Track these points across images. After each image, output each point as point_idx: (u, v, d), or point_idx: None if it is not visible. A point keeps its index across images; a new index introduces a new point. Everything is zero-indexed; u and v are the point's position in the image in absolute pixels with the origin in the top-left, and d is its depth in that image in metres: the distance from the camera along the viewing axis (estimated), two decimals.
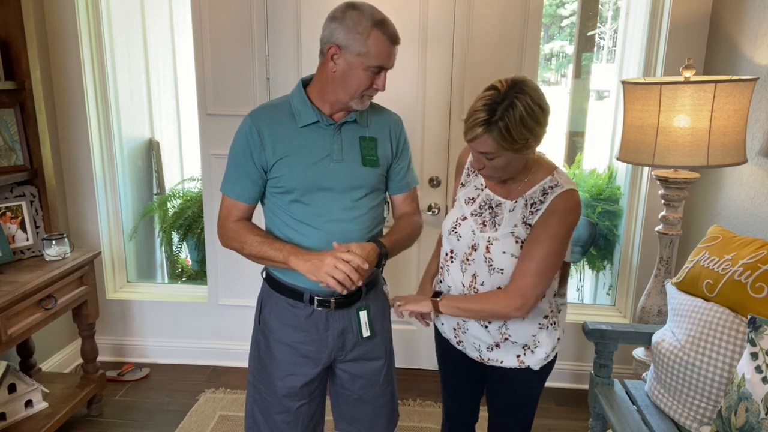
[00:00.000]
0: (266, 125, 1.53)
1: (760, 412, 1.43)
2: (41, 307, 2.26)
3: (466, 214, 1.60)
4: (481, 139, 1.39)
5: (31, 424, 2.30)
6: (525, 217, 1.51)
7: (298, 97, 1.55)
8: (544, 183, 1.51)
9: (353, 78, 1.46)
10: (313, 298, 1.58)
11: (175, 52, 3.91)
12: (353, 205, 1.56)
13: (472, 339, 1.63)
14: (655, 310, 2.36)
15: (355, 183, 1.56)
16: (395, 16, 2.64)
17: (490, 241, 1.53)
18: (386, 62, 1.47)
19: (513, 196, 1.54)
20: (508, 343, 1.60)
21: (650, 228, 2.71)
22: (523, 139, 1.39)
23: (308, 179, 1.52)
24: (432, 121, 2.78)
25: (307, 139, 1.53)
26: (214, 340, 3.16)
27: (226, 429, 2.60)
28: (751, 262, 1.76)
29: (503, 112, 1.36)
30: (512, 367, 1.62)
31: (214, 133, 2.87)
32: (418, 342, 3.06)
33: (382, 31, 1.43)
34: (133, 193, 3.50)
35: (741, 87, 1.96)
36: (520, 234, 1.50)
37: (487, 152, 1.41)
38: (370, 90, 1.49)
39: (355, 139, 1.57)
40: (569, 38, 4.38)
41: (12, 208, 2.44)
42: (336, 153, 1.54)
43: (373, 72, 1.46)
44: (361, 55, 1.43)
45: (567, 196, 1.47)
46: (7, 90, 2.39)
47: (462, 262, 1.59)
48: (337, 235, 1.53)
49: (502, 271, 1.52)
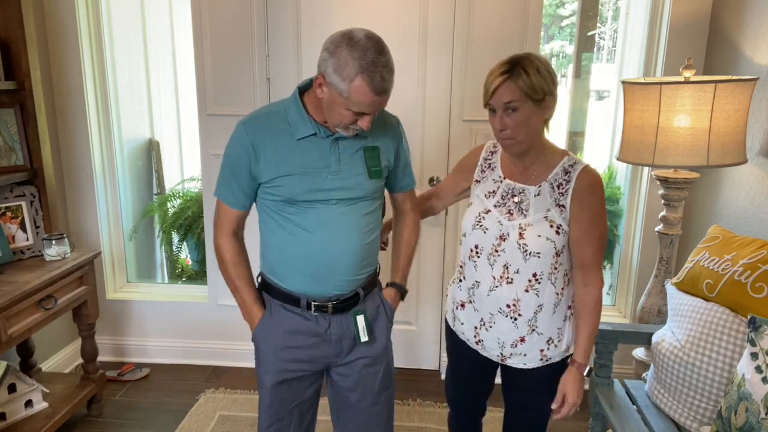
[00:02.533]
0: (261, 138, 1.50)
1: (760, 412, 1.43)
2: (41, 307, 2.26)
3: (488, 207, 1.61)
4: (504, 87, 1.44)
5: (31, 424, 2.30)
6: (556, 199, 1.54)
7: (295, 109, 1.51)
8: (563, 163, 1.56)
9: (336, 112, 1.42)
10: (311, 304, 1.58)
11: (175, 52, 3.91)
12: (347, 212, 1.55)
13: (497, 335, 1.62)
14: (655, 310, 2.36)
15: (351, 193, 1.54)
16: (395, 17, 2.67)
17: (522, 227, 1.54)
18: (367, 110, 1.40)
19: (534, 181, 1.57)
20: (535, 335, 1.60)
21: (650, 228, 2.71)
22: (542, 90, 1.44)
23: (305, 190, 1.50)
24: (432, 122, 2.78)
25: (305, 152, 1.50)
26: (214, 340, 3.16)
27: (226, 429, 2.60)
28: (751, 262, 1.76)
29: (523, 64, 1.44)
30: (534, 367, 1.63)
31: (214, 133, 2.87)
32: (418, 342, 3.06)
33: (367, 80, 1.35)
34: (133, 193, 3.50)
35: (741, 87, 1.96)
36: (554, 217, 1.53)
37: (511, 100, 1.44)
38: (353, 126, 1.45)
39: (354, 149, 1.54)
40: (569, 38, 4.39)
41: (12, 208, 2.44)
42: (333, 165, 1.51)
43: (355, 114, 1.41)
44: (343, 97, 1.38)
45: (590, 173, 1.54)
46: (7, 90, 2.39)
47: (489, 255, 1.59)
48: (330, 240, 1.53)
49: (538, 255, 1.53)
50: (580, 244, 1.54)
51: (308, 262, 1.55)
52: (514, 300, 1.58)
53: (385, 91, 1.39)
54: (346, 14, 2.70)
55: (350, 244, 1.55)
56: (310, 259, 1.54)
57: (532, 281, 1.56)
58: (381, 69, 1.35)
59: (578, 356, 1.58)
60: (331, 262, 1.55)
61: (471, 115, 2.73)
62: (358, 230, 1.57)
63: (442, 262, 2.94)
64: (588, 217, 1.52)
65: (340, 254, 1.55)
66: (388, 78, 1.38)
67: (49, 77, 2.89)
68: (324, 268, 1.55)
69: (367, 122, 1.43)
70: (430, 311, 3.02)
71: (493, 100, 1.48)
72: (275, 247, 1.59)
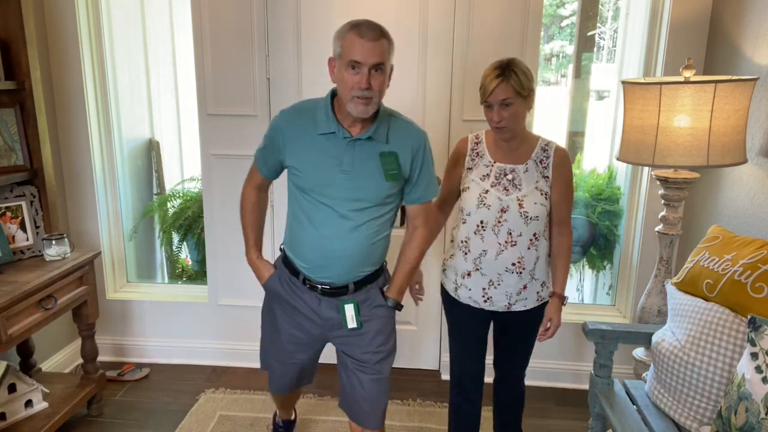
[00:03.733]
0: (291, 128, 1.72)
1: (760, 412, 1.43)
2: (41, 307, 2.26)
3: (486, 187, 1.93)
4: (500, 87, 1.77)
5: (31, 424, 2.30)
6: (541, 172, 1.92)
7: (324, 108, 1.69)
8: (540, 144, 1.94)
9: (341, 80, 1.61)
10: (306, 280, 1.79)
11: (175, 52, 3.91)
12: (351, 215, 1.69)
13: (505, 289, 1.95)
14: (655, 310, 2.36)
15: (359, 195, 1.68)
16: (395, 17, 2.67)
17: (520, 199, 1.89)
18: (359, 56, 1.56)
19: (521, 160, 1.93)
20: (533, 282, 1.96)
21: (650, 228, 2.71)
22: (528, 88, 1.80)
23: (316, 181, 1.68)
24: (432, 122, 2.78)
25: (322, 146, 1.68)
26: (214, 340, 3.16)
27: (226, 429, 2.60)
28: (751, 262, 1.76)
29: (511, 68, 1.79)
30: (532, 308, 1.99)
31: (214, 133, 2.87)
32: (418, 342, 3.06)
33: (355, 31, 1.58)
34: (133, 193, 3.50)
35: (741, 87, 1.96)
36: (542, 186, 1.91)
37: (506, 98, 1.78)
38: (356, 90, 1.58)
39: (371, 154, 1.68)
40: (569, 38, 4.38)
41: (12, 208, 2.44)
42: (346, 164, 1.66)
43: (352, 67, 1.58)
44: (342, 56, 1.60)
45: (561, 149, 1.95)
46: (7, 90, 2.39)
47: (494, 226, 1.91)
48: (330, 239, 1.70)
49: (536, 218, 1.89)
50: (558, 205, 1.94)
51: (309, 251, 1.75)
52: (519, 258, 1.92)
53: (372, 38, 1.57)
54: (346, 14, 2.69)
55: (349, 246, 1.71)
56: (311, 248, 1.74)
57: (533, 240, 1.92)
58: (366, 23, 1.61)
59: (558, 289, 1.99)
60: (329, 257, 1.72)
61: (471, 115, 2.73)
62: (360, 234, 1.71)
63: (441, 263, 2.93)
64: (564, 184, 1.93)
65: (338, 253, 1.71)
66: (373, 27, 1.60)
67: (49, 77, 2.89)
68: (322, 259, 1.74)
69: (363, 77, 1.57)
70: (430, 311, 3.02)
71: (491, 98, 1.80)
72: (290, 227, 1.83)
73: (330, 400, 2.80)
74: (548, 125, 3.92)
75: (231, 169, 2.85)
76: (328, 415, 2.69)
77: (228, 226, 2.97)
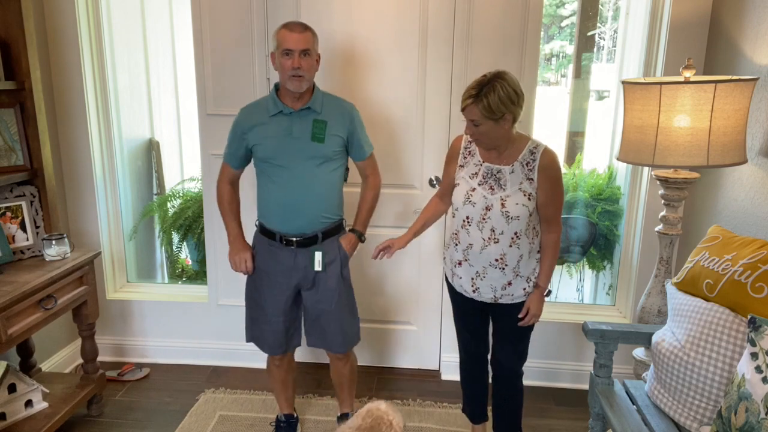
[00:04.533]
0: (247, 118, 2.18)
1: (760, 412, 1.43)
2: (41, 307, 2.26)
3: (473, 185, 2.02)
4: (469, 108, 1.86)
5: (31, 424, 2.30)
6: (526, 174, 1.97)
7: (270, 96, 2.17)
8: (528, 146, 1.99)
9: (280, 65, 2.07)
10: (282, 238, 2.18)
11: (175, 52, 3.91)
12: (310, 172, 2.13)
13: (490, 282, 2.06)
14: (655, 310, 2.36)
15: (310, 154, 2.12)
16: (395, 17, 2.67)
17: (503, 199, 1.97)
18: (290, 45, 2.02)
19: (508, 162, 1.99)
20: (518, 278, 2.05)
21: (650, 228, 2.71)
22: (500, 112, 1.84)
23: (275, 150, 2.12)
24: (432, 122, 2.78)
25: (274, 123, 2.14)
26: (214, 340, 3.16)
27: (226, 429, 2.60)
28: (751, 262, 1.76)
29: (486, 91, 1.83)
30: (520, 301, 2.08)
31: (214, 133, 2.87)
32: (418, 342, 3.06)
33: (286, 28, 2.04)
34: (133, 193, 3.50)
35: (741, 87, 1.96)
36: (526, 188, 1.97)
37: (474, 119, 1.88)
38: (291, 71, 2.03)
39: (308, 120, 2.12)
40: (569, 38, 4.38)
41: (12, 208, 2.44)
42: (296, 132, 2.12)
43: (286, 54, 2.03)
44: (278, 47, 2.06)
45: (550, 152, 1.99)
46: (7, 90, 2.40)
47: (478, 222, 2.01)
48: (294, 191, 2.12)
49: (517, 218, 1.96)
50: (545, 206, 2.00)
51: (279, 207, 2.16)
52: (501, 254, 2.02)
53: (299, 30, 2.02)
54: (346, 14, 2.70)
55: (309, 195, 2.14)
56: (280, 205, 2.15)
57: (514, 238, 2.00)
58: (293, 21, 2.08)
59: (540, 281, 2.07)
60: (296, 207, 2.14)
61: None
62: (316, 185, 2.14)
63: (442, 263, 2.94)
64: (550, 185, 1.97)
65: (301, 202, 2.13)
66: (299, 24, 2.06)
67: (49, 77, 2.89)
68: (290, 212, 2.15)
69: (294, 60, 2.02)
70: (430, 312, 3.02)
71: (463, 113, 1.91)
72: (261, 196, 2.21)
73: (330, 400, 2.80)
74: (548, 125, 3.92)
75: None
76: (327, 415, 2.69)
77: None
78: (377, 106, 2.78)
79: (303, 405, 2.75)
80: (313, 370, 3.07)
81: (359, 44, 2.72)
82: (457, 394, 2.83)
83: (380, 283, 3.01)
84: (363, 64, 2.75)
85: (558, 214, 2.03)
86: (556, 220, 2.03)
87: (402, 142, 2.82)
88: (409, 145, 2.83)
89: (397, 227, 2.89)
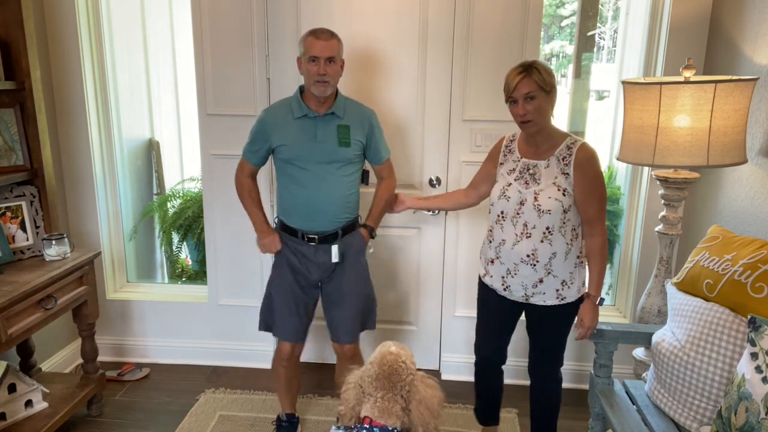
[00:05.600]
0: (272, 118, 2.25)
1: (760, 412, 1.43)
2: (41, 307, 2.26)
3: (510, 181, 2.05)
4: (524, 81, 1.89)
5: (31, 424, 2.30)
6: (562, 168, 1.97)
7: (295, 99, 2.24)
8: (566, 142, 1.99)
9: (306, 71, 2.13)
10: (305, 235, 2.27)
11: (175, 52, 3.91)
12: (331, 174, 2.21)
13: (521, 279, 2.04)
14: (655, 310, 2.36)
15: (332, 158, 2.20)
16: (395, 17, 2.67)
17: (537, 193, 1.97)
18: (316, 52, 2.09)
19: (544, 156, 2.01)
20: (550, 277, 2.01)
21: (650, 228, 2.71)
22: (550, 83, 1.91)
23: (299, 153, 2.19)
24: (432, 122, 2.78)
25: (299, 126, 2.20)
26: (214, 340, 3.16)
27: (226, 429, 2.60)
28: (751, 262, 1.76)
29: (535, 65, 1.91)
30: (552, 305, 2.04)
31: (214, 133, 2.87)
32: (418, 342, 3.06)
33: (312, 35, 2.11)
34: (133, 193, 3.50)
35: (741, 87, 1.96)
36: (561, 182, 1.96)
37: (529, 91, 1.89)
38: (316, 76, 2.09)
39: (334, 126, 2.20)
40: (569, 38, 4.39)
41: (12, 208, 2.44)
42: (320, 136, 2.19)
43: (312, 60, 2.10)
44: (305, 54, 2.12)
45: (587, 147, 1.98)
46: (7, 90, 2.39)
47: (512, 218, 2.02)
48: (317, 192, 2.20)
49: (549, 212, 1.95)
50: (583, 204, 1.97)
51: (303, 207, 2.24)
52: (532, 250, 1.99)
53: (325, 38, 2.10)
54: (346, 14, 2.70)
55: (331, 196, 2.22)
56: (303, 205, 2.24)
57: (546, 233, 1.97)
58: (320, 28, 2.14)
59: (591, 290, 2.03)
60: (317, 208, 2.23)
61: (471, 115, 2.73)
62: (338, 187, 2.23)
63: (441, 264, 2.94)
64: (588, 182, 1.95)
65: (324, 202, 2.22)
66: (326, 31, 2.12)
67: (49, 77, 2.89)
68: (313, 210, 2.23)
69: (320, 67, 2.09)
70: (430, 312, 3.02)
71: (515, 93, 1.91)
72: (283, 196, 2.29)
73: (330, 400, 2.80)
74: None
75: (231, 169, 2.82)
76: (327, 415, 2.69)
77: (228, 226, 2.97)
78: (377, 106, 2.77)
79: (303, 405, 2.75)
80: (313, 370, 3.06)
81: (359, 44, 2.72)
82: (458, 394, 2.83)
83: (381, 284, 3.01)
84: (363, 64, 2.75)
85: (600, 215, 1.98)
86: (599, 222, 1.98)
87: (402, 142, 2.82)
88: (409, 145, 2.83)
89: (404, 227, 2.89)
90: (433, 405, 1.65)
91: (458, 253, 2.90)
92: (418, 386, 1.67)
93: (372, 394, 1.66)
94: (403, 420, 1.65)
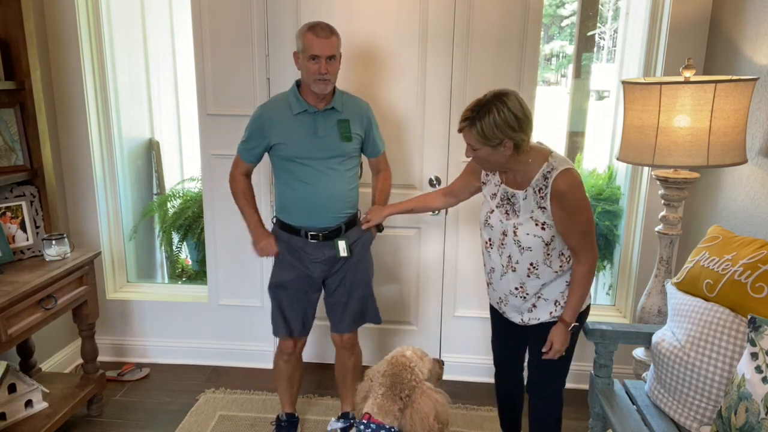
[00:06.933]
0: (270, 115, 2.19)
1: (760, 412, 1.43)
2: (41, 307, 2.26)
3: (492, 206, 1.94)
4: (465, 132, 1.77)
5: (31, 424, 2.30)
6: (538, 202, 1.81)
7: (292, 94, 2.19)
8: (542, 170, 1.80)
9: (305, 68, 2.09)
10: (307, 233, 2.23)
11: (175, 52, 3.91)
12: (333, 168, 2.18)
13: (513, 308, 1.98)
14: (655, 310, 2.36)
15: (333, 152, 2.18)
16: (395, 17, 2.67)
17: (515, 227, 1.86)
18: (316, 51, 2.04)
19: (522, 186, 1.85)
20: (541, 301, 1.93)
21: (650, 228, 2.71)
22: (497, 138, 1.71)
23: (300, 149, 2.16)
24: (432, 122, 2.78)
25: (299, 122, 2.16)
26: (214, 340, 3.16)
27: (226, 429, 2.60)
28: (751, 262, 1.76)
29: (482, 114, 1.70)
30: (549, 321, 1.94)
31: (214, 133, 2.87)
32: (418, 342, 3.06)
33: (312, 32, 2.05)
34: (133, 193, 3.50)
35: (741, 87, 1.96)
36: (538, 217, 1.82)
37: (470, 144, 1.78)
38: (317, 75, 2.05)
39: (334, 121, 2.18)
40: (569, 38, 4.39)
41: (12, 208, 2.44)
42: (320, 131, 2.16)
43: (312, 59, 2.05)
44: (304, 51, 2.07)
45: (564, 175, 1.77)
46: (7, 90, 2.39)
47: (498, 246, 1.93)
48: (319, 188, 2.17)
49: (530, 249, 1.84)
50: (565, 235, 1.83)
51: (305, 204, 2.20)
52: (520, 283, 1.92)
53: (325, 36, 2.04)
54: (346, 14, 2.70)
55: (333, 192, 2.20)
56: (305, 201, 2.20)
57: (530, 269, 1.88)
58: (319, 24, 2.08)
59: (565, 315, 1.91)
60: (320, 204, 2.20)
61: None
62: (340, 182, 2.21)
63: (441, 264, 2.94)
64: (566, 214, 1.79)
65: (327, 198, 2.19)
66: (325, 27, 2.07)
67: (49, 77, 2.89)
68: (316, 207, 2.20)
69: (321, 66, 2.04)
70: (430, 312, 3.02)
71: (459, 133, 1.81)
72: (283, 194, 2.25)
73: (330, 400, 2.80)
74: (548, 125, 3.92)
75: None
76: (327, 415, 2.69)
77: (228, 226, 2.97)
78: (377, 106, 2.77)
79: (303, 405, 2.75)
80: (313, 370, 3.06)
81: (359, 44, 2.72)
82: (458, 394, 2.83)
83: (381, 284, 3.01)
84: (363, 63, 2.75)
85: (584, 245, 1.82)
86: (583, 251, 1.83)
87: (402, 142, 2.82)
88: (409, 145, 2.83)
89: (404, 227, 2.89)
90: (427, 418, 1.65)
91: (458, 253, 2.90)
92: (419, 396, 1.67)
93: (375, 390, 1.70)
94: (400, 422, 1.66)
